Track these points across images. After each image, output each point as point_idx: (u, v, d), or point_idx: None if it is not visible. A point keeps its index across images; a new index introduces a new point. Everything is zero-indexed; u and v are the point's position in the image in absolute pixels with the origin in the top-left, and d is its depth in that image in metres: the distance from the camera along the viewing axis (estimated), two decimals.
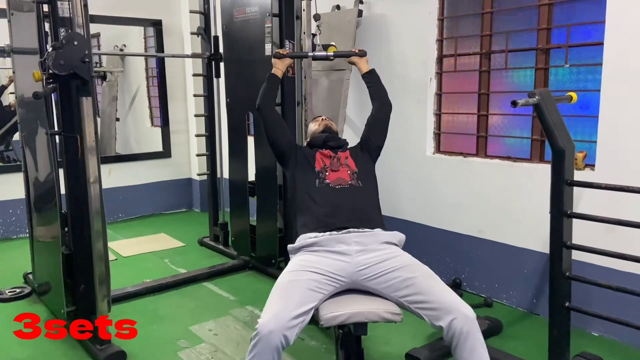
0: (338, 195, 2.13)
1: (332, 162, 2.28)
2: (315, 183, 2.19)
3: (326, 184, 2.18)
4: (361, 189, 2.20)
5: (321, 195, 2.14)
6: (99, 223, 2.42)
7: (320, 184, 2.19)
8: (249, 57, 3.34)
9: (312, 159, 2.30)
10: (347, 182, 2.19)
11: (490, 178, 3.00)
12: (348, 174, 2.23)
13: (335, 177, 2.21)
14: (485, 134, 3.08)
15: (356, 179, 2.22)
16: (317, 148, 2.36)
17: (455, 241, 3.21)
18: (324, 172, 2.24)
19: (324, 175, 2.22)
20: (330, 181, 2.19)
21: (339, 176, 2.22)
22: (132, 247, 4.13)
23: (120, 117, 6.33)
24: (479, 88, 3.08)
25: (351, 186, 2.18)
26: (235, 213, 3.74)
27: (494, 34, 2.99)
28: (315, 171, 2.24)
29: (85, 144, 2.32)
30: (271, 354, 1.66)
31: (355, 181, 2.21)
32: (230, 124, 3.63)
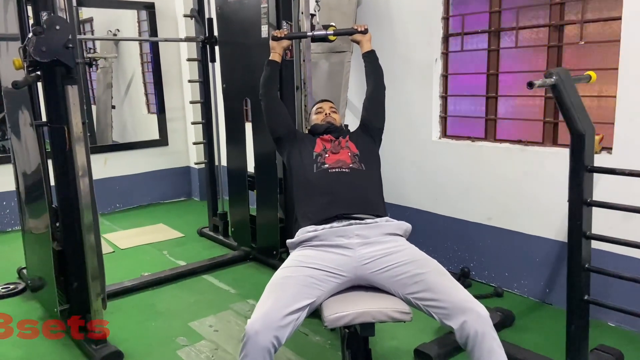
0: (338, 181, 2.01)
1: (333, 145, 2.17)
2: (313, 168, 2.08)
3: (325, 169, 2.06)
4: (363, 172, 2.08)
5: (319, 182, 2.03)
6: (90, 217, 2.30)
7: (318, 169, 2.07)
8: (244, 39, 3.18)
9: (311, 142, 2.20)
10: (348, 165, 2.07)
11: (500, 163, 2.86)
12: (349, 155, 2.12)
13: (334, 159, 2.10)
14: (494, 116, 2.94)
15: (358, 162, 2.10)
16: (318, 135, 2.24)
17: (463, 229, 3.09)
18: (324, 154, 2.13)
19: (322, 159, 2.11)
20: (330, 164, 2.07)
21: (339, 158, 2.11)
22: (130, 238, 4.02)
23: (116, 105, 6.18)
24: (488, 68, 2.93)
25: (352, 170, 2.06)
26: (235, 203, 3.62)
27: (503, 10, 2.82)
28: (313, 155, 2.14)
29: (73, 135, 2.18)
30: (261, 355, 1.55)
31: (357, 164, 2.09)
32: (227, 110, 3.49)
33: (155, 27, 4.89)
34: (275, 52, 2.39)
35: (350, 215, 1.89)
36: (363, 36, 2.42)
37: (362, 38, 2.43)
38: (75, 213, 2.34)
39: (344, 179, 2.00)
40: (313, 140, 2.20)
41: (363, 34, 2.42)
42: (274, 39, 2.40)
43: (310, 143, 2.19)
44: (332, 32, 2.50)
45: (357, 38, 2.44)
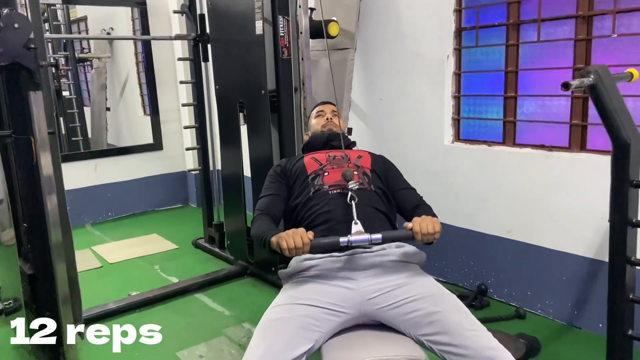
0: (338, 204, 1.71)
1: (331, 160, 1.87)
2: (310, 191, 1.78)
3: (324, 190, 1.75)
4: (370, 193, 1.78)
5: (318, 203, 1.73)
6: (59, 238, 2.06)
7: (316, 191, 1.77)
8: (238, 36, 2.91)
9: (301, 169, 1.86)
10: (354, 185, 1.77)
11: (521, 170, 2.58)
12: (355, 173, 1.81)
13: (336, 177, 1.78)
14: (513, 118, 2.65)
15: (367, 183, 1.80)
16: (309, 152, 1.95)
17: (480, 242, 2.81)
18: (321, 174, 1.81)
19: (320, 179, 1.79)
20: (329, 184, 1.76)
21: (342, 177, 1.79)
22: (120, 251, 3.77)
23: (112, 107, 5.94)
24: (506, 65, 2.64)
25: (358, 190, 1.75)
26: (230, 214, 3.36)
27: (523, 1, 2.53)
28: (308, 179, 1.81)
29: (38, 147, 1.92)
30: None
31: (365, 185, 1.79)
32: (220, 114, 3.22)
33: (147, 24, 4.63)
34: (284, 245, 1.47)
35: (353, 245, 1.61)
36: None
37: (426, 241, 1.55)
38: (45, 234, 2.08)
39: (345, 201, 1.71)
40: (301, 167, 1.87)
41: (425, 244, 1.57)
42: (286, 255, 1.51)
43: (301, 167, 1.87)
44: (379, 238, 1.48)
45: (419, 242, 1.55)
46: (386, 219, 1.74)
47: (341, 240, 1.49)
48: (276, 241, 1.50)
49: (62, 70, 5.43)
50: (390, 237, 1.54)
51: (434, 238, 1.52)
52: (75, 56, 5.46)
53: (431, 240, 1.53)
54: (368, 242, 1.49)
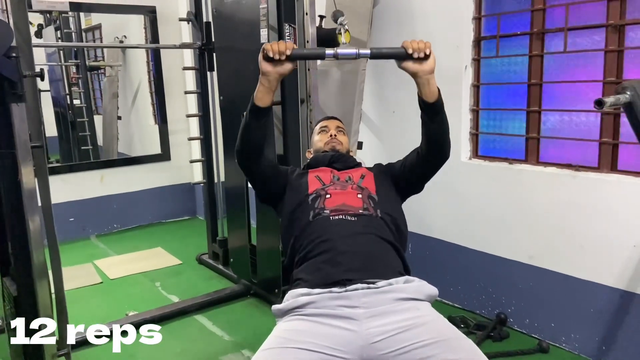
0: (342, 232, 1.53)
1: (335, 181, 1.70)
2: (309, 215, 1.61)
3: (324, 215, 1.58)
4: (378, 220, 1.60)
5: (318, 232, 1.55)
6: (41, 259, 1.93)
7: (315, 216, 1.59)
8: (243, 45, 2.77)
9: (303, 184, 1.70)
10: (357, 211, 1.59)
11: (545, 191, 2.38)
12: (359, 197, 1.63)
13: (339, 201, 1.61)
14: (536, 134, 2.45)
15: (373, 207, 1.62)
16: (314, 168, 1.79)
17: (499, 267, 2.60)
18: (323, 195, 1.63)
19: (322, 201, 1.61)
20: (331, 208, 1.59)
21: (344, 201, 1.61)
22: (122, 266, 3.64)
23: (123, 115, 5.88)
24: (529, 77, 2.44)
25: (362, 217, 1.57)
26: (234, 229, 3.21)
27: (548, 8, 2.34)
28: (308, 199, 1.64)
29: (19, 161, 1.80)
30: None
31: (370, 210, 1.61)
32: (225, 125, 3.08)
33: (157, 32, 4.54)
34: (266, 87, 1.49)
35: (356, 282, 1.43)
36: (420, 66, 1.47)
37: (418, 69, 1.47)
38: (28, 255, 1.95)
39: (349, 230, 1.53)
40: (305, 182, 1.71)
41: (422, 61, 1.47)
42: (267, 60, 1.47)
43: (303, 181, 1.72)
44: (368, 53, 1.48)
45: (409, 68, 1.47)
46: (393, 249, 1.56)
47: (327, 51, 1.47)
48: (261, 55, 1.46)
49: (72, 78, 5.38)
50: (379, 53, 1.50)
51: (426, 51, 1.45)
52: (86, 64, 5.40)
53: (422, 53, 1.44)
54: (355, 55, 1.47)
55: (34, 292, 1.97)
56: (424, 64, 1.47)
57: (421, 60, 1.46)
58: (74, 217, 4.21)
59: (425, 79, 1.48)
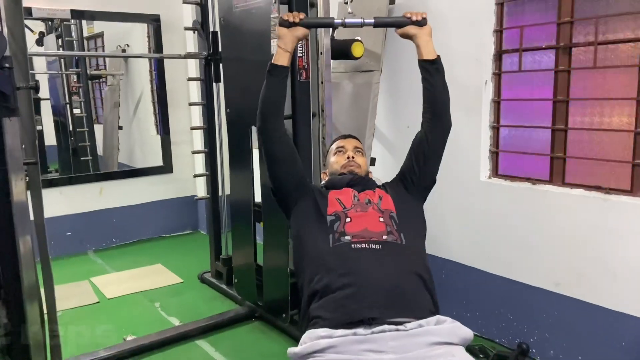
0: (364, 264, 1.40)
1: (355, 203, 1.57)
2: (328, 241, 1.47)
3: (344, 242, 1.45)
4: (403, 249, 1.46)
5: (337, 263, 1.42)
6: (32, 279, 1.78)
7: (335, 242, 1.46)
8: (252, 56, 2.64)
9: (322, 202, 1.59)
10: (381, 237, 1.46)
11: (572, 214, 2.23)
12: (381, 221, 1.50)
13: (360, 226, 1.48)
14: (562, 154, 2.31)
15: (396, 230, 1.49)
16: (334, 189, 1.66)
17: (521, 294, 2.45)
18: (343, 218, 1.51)
19: (341, 224, 1.49)
20: (352, 234, 1.46)
21: (367, 226, 1.49)
22: (121, 284, 3.48)
23: (125, 125, 5.76)
24: (555, 94, 2.31)
25: (387, 245, 1.45)
26: (239, 246, 3.05)
27: (576, 21, 2.21)
28: (326, 220, 1.52)
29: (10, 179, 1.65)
30: None
31: (394, 234, 1.47)
32: (231, 139, 2.94)
33: (161, 41, 4.43)
34: (283, 50, 1.61)
35: (383, 320, 1.28)
36: (420, 29, 1.63)
37: (417, 32, 1.63)
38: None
39: (374, 261, 1.39)
40: (324, 199, 1.60)
41: (419, 26, 1.62)
42: (284, 25, 1.62)
43: (322, 200, 1.60)
44: (372, 22, 1.68)
45: (411, 31, 1.63)
46: (422, 282, 1.42)
47: (336, 20, 1.71)
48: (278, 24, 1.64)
49: (73, 87, 5.26)
50: (382, 22, 1.85)
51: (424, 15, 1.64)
52: (87, 73, 5.28)
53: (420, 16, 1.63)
54: (360, 24, 1.69)
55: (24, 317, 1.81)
56: (423, 27, 1.65)
57: (420, 24, 1.64)
58: (71, 232, 4.07)
59: (425, 40, 1.64)
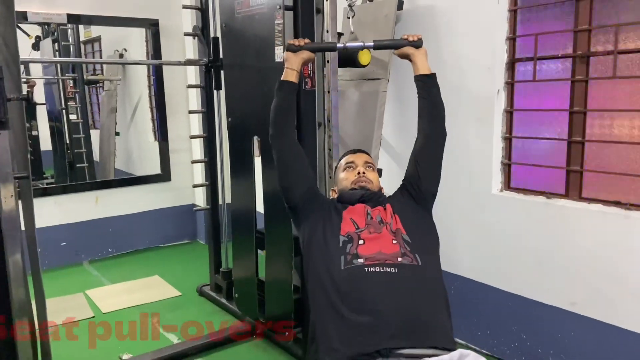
0: (380, 288, 1.31)
1: (368, 221, 1.48)
2: (340, 262, 1.38)
3: (358, 265, 1.36)
4: (419, 270, 1.37)
5: (350, 287, 1.32)
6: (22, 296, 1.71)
7: (347, 265, 1.37)
8: (255, 63, 2.54)
9: (336, 220, 1.50)
10: (396, 259, 1.37)
11: (590, 230, 2.14)
12: (393, 242, 1.41)
13: (374, 248, 1.40)
14: (579, 167, 2.22)
15: (410, 251, 1.40)
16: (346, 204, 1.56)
17: (535, 313, 2.35)
18: (355, 239, 1.42)
19: (354, 247, 1.40)
20: (366, 256, 1.37)
21: (381, 248, 1.40)
22: (116, 297, 3.36)
23: (122, 131, 5.65)
24: (571, 104, 2.22)
25: (402, 268, 1.36)
26: (239, 259, 2.94)
27: (594, 29, 2.13)
28: (339, 240, 1.43)
29: None
30: None
31: (409, 255, 1.38)
32: (232, 149, 2.84)
33: (159, 46, 4.32)
34: (290, 69, 1.80)
35: (400, 351, 1.18)
36: (416, 50, 1.84)
37: (414, 52, 1.84)
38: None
39: (389, 285, 1.30)
40: (338, 215, 1.52)
41: (415, 47, 1.84)
42: (291, 49, 1.83)
43: (336, 218, 1.50)
44: (372, 45, 1.89)
45: (407, 52, 1.86)
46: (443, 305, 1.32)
47: (338, 45, 1.91)
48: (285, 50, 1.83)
49: (69, 92, 5.16)
50: (382, 45, 1.94)
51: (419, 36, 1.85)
52: (84, 78, 5.18)
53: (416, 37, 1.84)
54: (361, 47, 1.91)
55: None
56: (419, 48, 1.85)
57: (416, 45, 1.84)
58: (65, 242, 3.95)
59: (421, 59, 1.83)
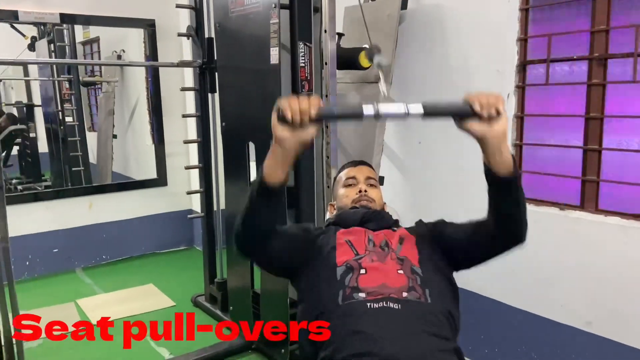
0: (383, 327, 1.14)
1: (370, 249, 1.32)
2: (337, 297, 1.22)
3: (359, 300, 1.18)
4: (429, 309, 1.20)
5: (351, 324, 1.16)
6: None
7: (346, 300, 1.20)
8: (249, 65, 2.41)
9: (330, 251, 1.32)
10: (401, 293, 1.20)
11: (606, 245, 1.99)
12: (400, 272, 1.25)
13: (377, 280, 1.22)
14: (596, 177, 2.07)
15: (419, 285, 1.24)
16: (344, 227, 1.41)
17: (547, 331, 2.20)
18: (356, 269, 1.25)
19: (354, 277, 1.23)
20: (368, 290, 1.20)
21: (385, 280, 1.23)
22: (108, 307, 3.23)
23: (119, 134, 5.54)
24: (587, 110, 2.07)
25: (407, 304, 1.18)
26: (234, 270, 2.82)
27: (612, 29, 1.98)
28: (336, 273, 1.26)
29: None
30: None
31: (417, 290, 1.22)
32: (226, 154, 2.71)
33: (156, 47, 4.20)
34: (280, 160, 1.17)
35: None
36: (491, 125, 1.13)
37: (488, 130, 1.13)
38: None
39: (394, 324, 1.14)
40: (333, 238, 1.35)
41: (491, 121, 1.12)
42: (282, 120, 1.13)
43: (329, 248, 1.34)
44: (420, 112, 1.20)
45: (478, 131, 1.14)
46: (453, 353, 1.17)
47: (365, 110, 1.17)
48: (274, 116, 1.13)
49: (65, 94, 5.05)
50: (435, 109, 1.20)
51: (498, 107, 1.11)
52: (79, 79, 5.07)
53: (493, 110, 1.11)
54: (404, 114, 1.18)
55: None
56: (494, 124, 1.13)
57: (490, 119, 1.12)
58: (58, 248, 3.83)
59: (496, 144, 1.14)
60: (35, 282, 3.68)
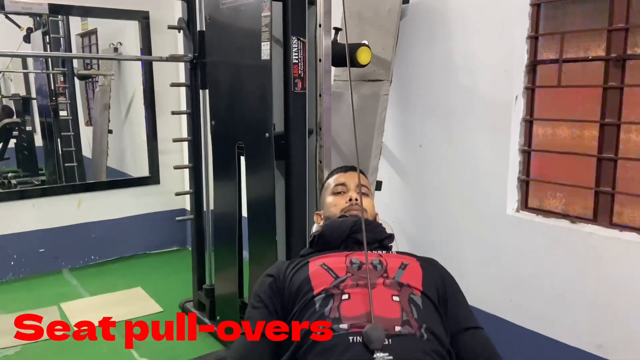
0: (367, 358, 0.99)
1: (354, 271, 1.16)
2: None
3: (341, 332, 1.03)
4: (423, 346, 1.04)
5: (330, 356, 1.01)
6: None
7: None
8: (239, 61, 2.25)
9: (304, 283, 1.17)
10: (392, 324, 1.05)
11: (621, 262, 1.83)
12: (396, 300, 1.09)
13: (363, 307, 1.07)
14: (611, 188, 1.90)
15: (416, 319, 1.08)
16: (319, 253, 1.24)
17: (555, 353, 2.04)
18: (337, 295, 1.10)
19: (335, 306, 1.08)
20: (351, 321, 1.04)
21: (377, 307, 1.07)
22: (93, 312, 3.09)
23: (116, 129, 5.41)
24: (602, 115, 1.91)
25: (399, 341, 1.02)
26: (222, 275, 2.68)
27: (632, 28, 1.81)
28: (314, 303, 1.11)
29: None
30: None
31: (412, 324, 1.06)
32: (215, 154, 2.56)
33: (149, 40, 4.06)
34: None
35: None
36: None
37: None
38: None
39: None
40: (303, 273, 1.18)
41: None
42: None
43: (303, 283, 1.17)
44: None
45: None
46: None
47: None
48: None
49: (59, 87, 4.92)
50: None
51: None
52: (74, 72, 4.93)
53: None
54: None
55: None
56: None
57: None
58: (44, 248, 3.69)
59: None
60: (19, 284, 3.55)
